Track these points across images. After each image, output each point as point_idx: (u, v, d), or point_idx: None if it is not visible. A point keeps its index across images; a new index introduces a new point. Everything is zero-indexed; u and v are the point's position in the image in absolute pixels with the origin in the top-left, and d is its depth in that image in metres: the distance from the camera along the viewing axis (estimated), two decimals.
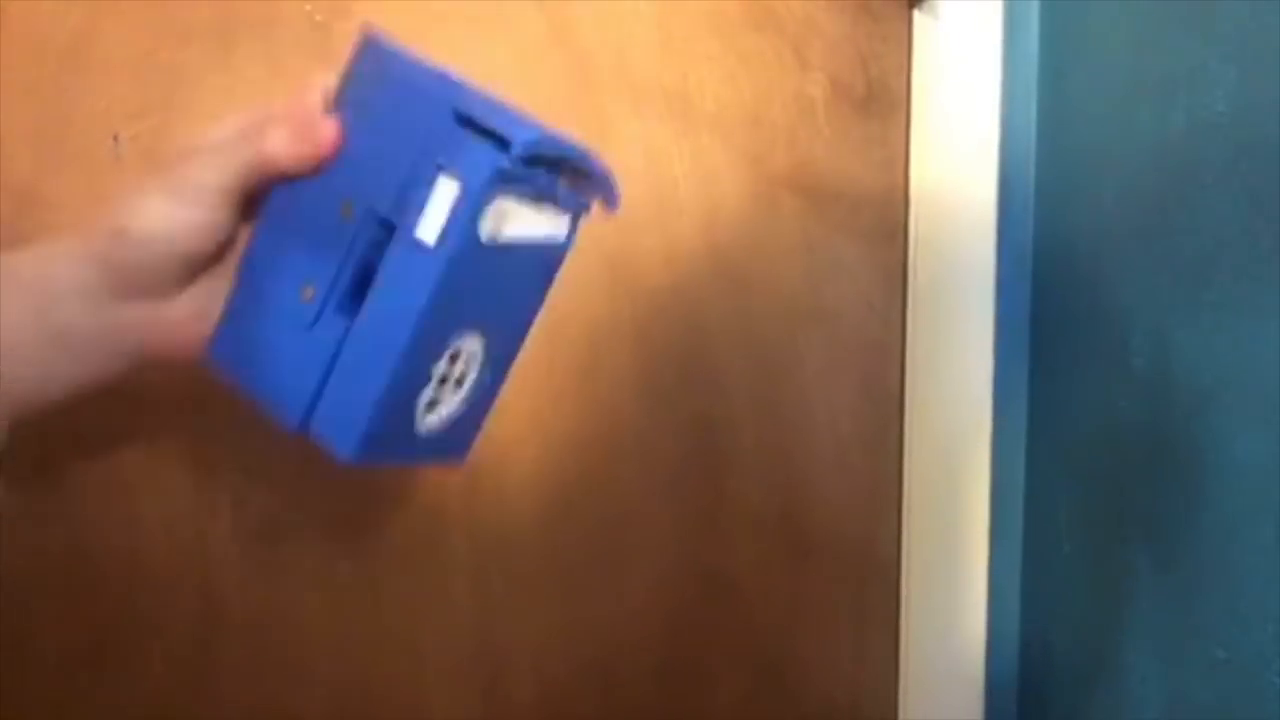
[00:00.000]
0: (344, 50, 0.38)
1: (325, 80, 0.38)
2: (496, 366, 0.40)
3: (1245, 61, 0.45)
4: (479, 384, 0.39)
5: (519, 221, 0.36)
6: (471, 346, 0.37)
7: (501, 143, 0.34)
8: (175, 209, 0.35)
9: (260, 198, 0.38)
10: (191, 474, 0.58)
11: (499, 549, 0.63)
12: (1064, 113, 0.62)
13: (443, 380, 0.37)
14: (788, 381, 0.66)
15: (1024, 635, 0.66)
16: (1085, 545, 0.60)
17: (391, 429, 0.36)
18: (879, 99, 0.66)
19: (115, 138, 0.55)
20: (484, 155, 0.34)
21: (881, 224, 0.67)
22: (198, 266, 0.37)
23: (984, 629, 0.67)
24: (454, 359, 0.37)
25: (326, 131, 0.36)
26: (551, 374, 0.62)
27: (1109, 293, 0.57)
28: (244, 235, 0.39)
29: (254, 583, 0.59)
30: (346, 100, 0.37)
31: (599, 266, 0.62)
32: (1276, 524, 0.44)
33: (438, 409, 0.37)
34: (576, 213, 0.39)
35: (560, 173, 0.37)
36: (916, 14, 0.65)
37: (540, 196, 0.36)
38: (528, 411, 0.62)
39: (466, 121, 0.35)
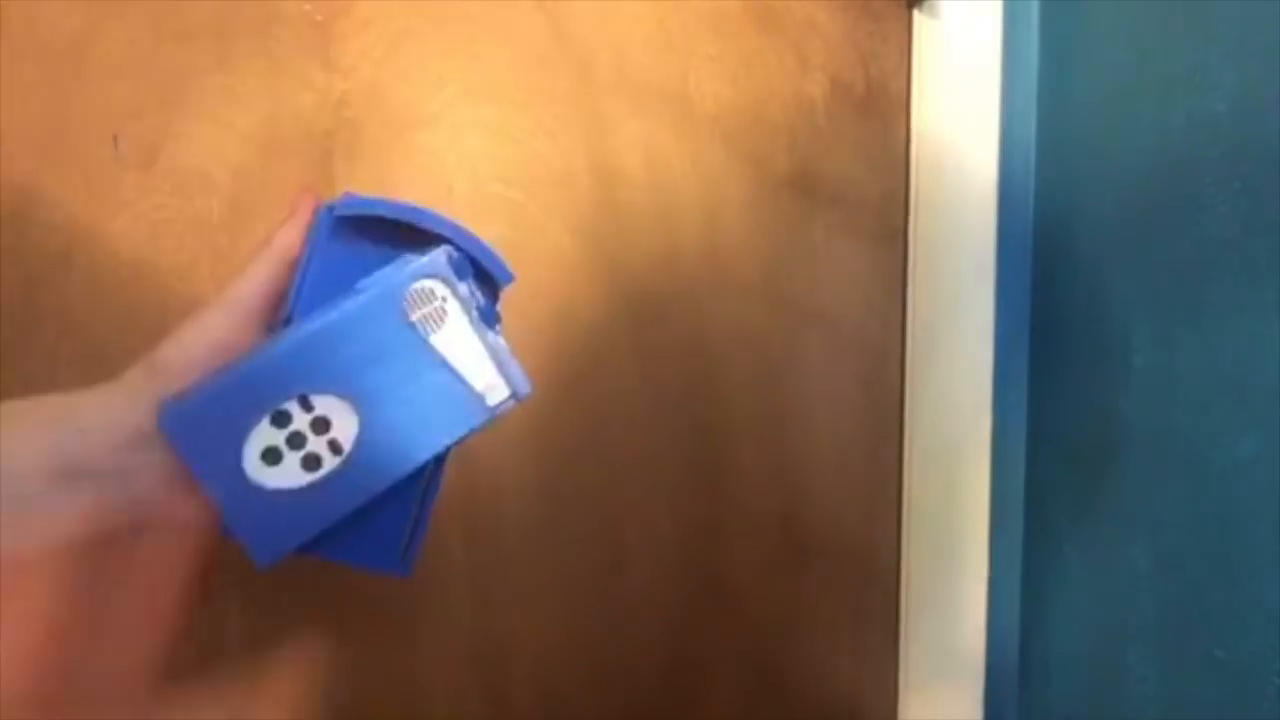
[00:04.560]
0: (344, 50, 0.38)
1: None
2: (381, 466, 0.36)
3: (1245, 61, 0.45)
4: (358, 474, 0.36)
5: (453, 334, 0.36)
6: (337, 416, 0.35)
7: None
8: (214, 318, 0.36)
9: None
10: None
11: (499, 550, 0.63)
12: (1064, 112, 0.62)
13: (297, 441, 0.35)
14: (788, 383, 0.66)
15: (1024, 635, 0.66)
16: (1085, 545, 0.60)
17: (211, 433, 0.33)
18: (879, 99, 0.66)
19: (115, 138, 0.55)
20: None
21: (882, 224, 0.66)
22: None
23: (984, 629, 0.67)
24: (319, 426, 0.35)
25: (306, 199, 0.39)
26: (551, 375, 0.62)
27: (1109, 292, 0.57)
28: None
29: (253, 584, 0.59)
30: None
31: (599, 268, 0.62)
32: (1276, 524, 0.44)
33: (280, 468, 0.35)
34: (500, 402, 0.37)
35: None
36: (916, 14, 0.65)
37: (482, 322, 0.37)
38: (528, 412, 0.62)
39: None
